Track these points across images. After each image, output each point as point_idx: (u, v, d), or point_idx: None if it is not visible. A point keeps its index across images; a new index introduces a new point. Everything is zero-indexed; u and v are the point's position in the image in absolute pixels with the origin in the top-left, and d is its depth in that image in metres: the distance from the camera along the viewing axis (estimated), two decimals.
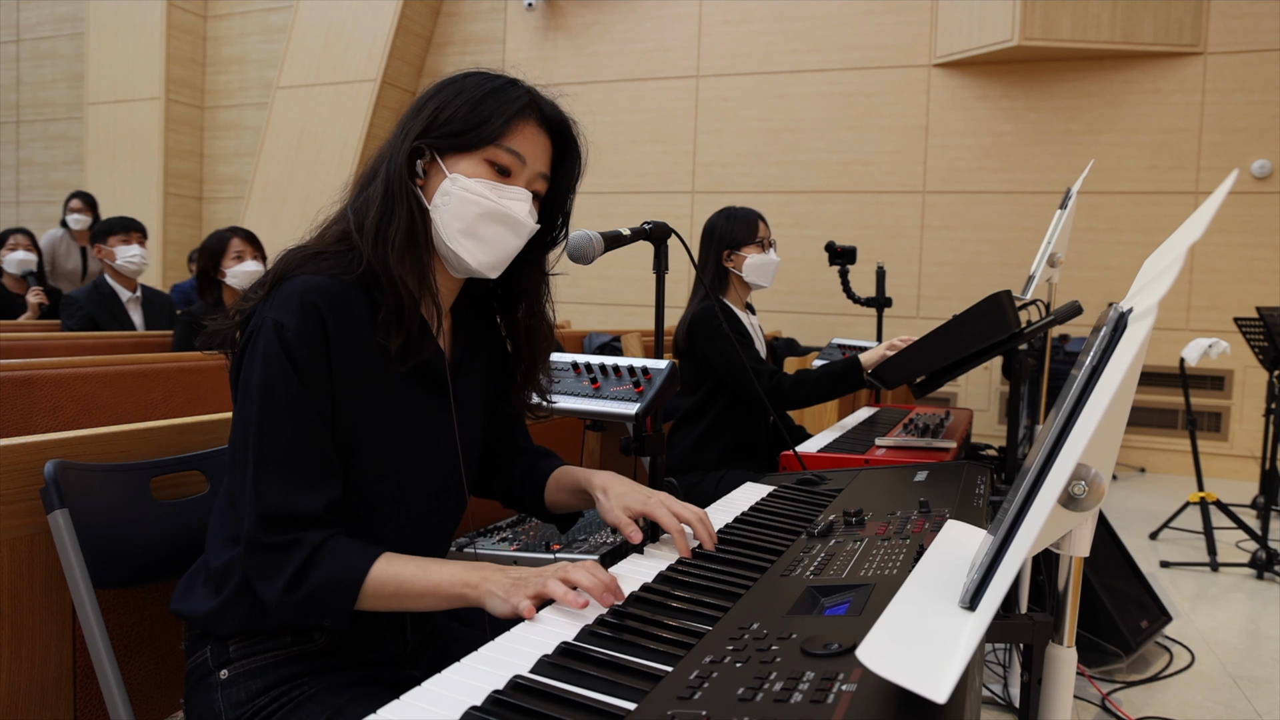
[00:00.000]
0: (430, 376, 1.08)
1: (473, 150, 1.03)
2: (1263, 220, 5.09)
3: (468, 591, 0.94)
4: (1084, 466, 0.59)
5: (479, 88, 1.04)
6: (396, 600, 0.95)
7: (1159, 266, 0.73)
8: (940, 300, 5.78)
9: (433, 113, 1.04)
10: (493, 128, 1.03)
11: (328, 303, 0.97)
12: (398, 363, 1.01)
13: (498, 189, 1.04)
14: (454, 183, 1.03)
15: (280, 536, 0.93)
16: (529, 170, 1.07)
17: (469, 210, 1.03)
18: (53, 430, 1.09)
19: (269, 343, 0.94)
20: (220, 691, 0.98)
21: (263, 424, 0.94)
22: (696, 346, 2.37)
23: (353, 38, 7.01)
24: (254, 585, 0.95)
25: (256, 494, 0.93)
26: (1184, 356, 3.41)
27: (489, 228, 1.04)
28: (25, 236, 4.55)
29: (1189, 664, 2.39)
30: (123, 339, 3.19)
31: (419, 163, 1.04)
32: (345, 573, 0.94)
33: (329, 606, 0.94)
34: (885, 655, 0.56)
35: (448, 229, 1.04)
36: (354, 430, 1.00)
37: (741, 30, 6.21)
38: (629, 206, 6.52)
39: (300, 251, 1.03)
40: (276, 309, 0.96)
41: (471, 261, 1.05)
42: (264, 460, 0.94)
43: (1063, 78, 5.45)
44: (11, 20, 8.57)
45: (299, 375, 0.95)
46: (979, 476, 1.43)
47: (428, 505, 1.11)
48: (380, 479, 1.04)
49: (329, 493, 0.97)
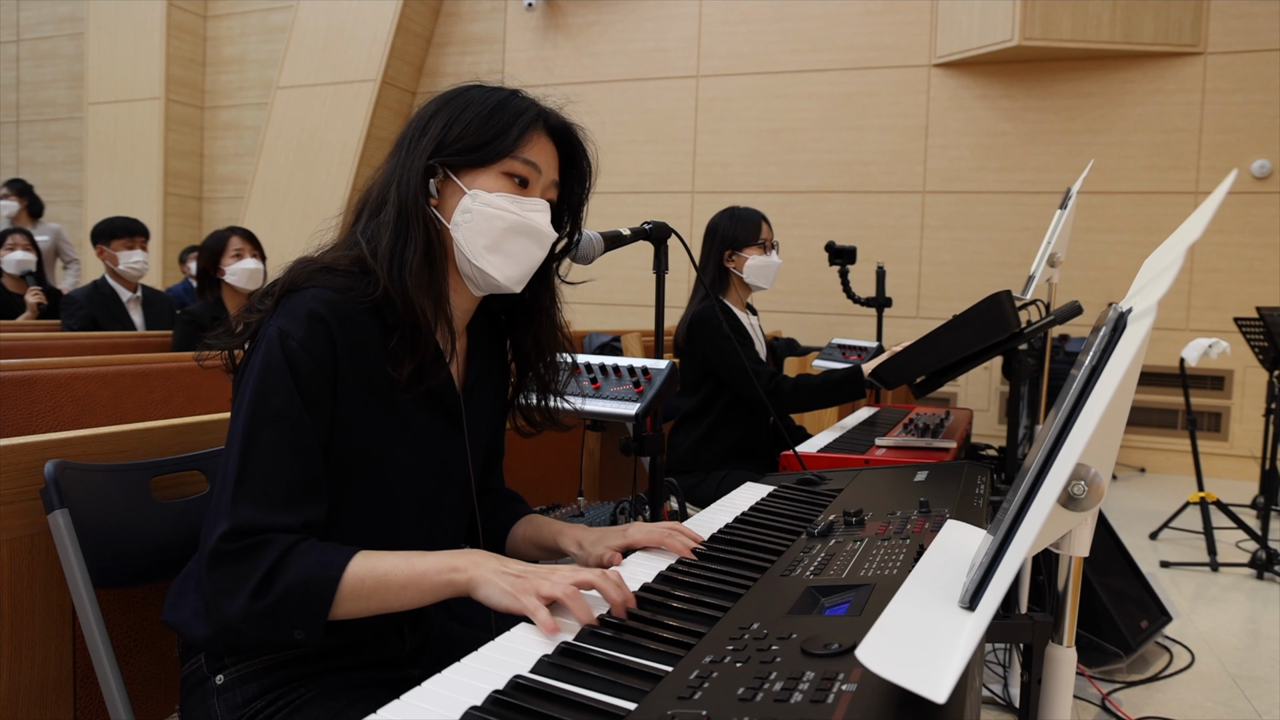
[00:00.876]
0: (441, 401, 1.06)
1: (490, 164, 1.02)
2: (1263, 220, 5.09)
3: (455, 577, 0.90)
4: (1084, 466, 0.59)
5: (485, 101, 1.03)
6: (378, 597, 0.90)
7: (1159, 266, 0.73)
8: (940, 300, 5.78)
9: (442, 130, 1.02)
10: (508, 140, 1.02)
11: (337, 317, 0.94)
12: (407, 390, 0.99)
13: (519, 202, 1.03)
14: (475, 199, 1.02)
15: (246, 543, 0.88)
16: (544, 179, 1.06)
17: (494, 226, 1.02)
18: (53, 430, 1.09)
19: (271, 351, 0.92)
20: (216, 697, 0.97)
21: (250, 433, 0.91)
22: (697, 347, 2.37)
23: (353, 38, 7.01)
24: (216, 603, 0.89)
25: (232, 504, 0.89)
26: (1184, 356, 3.40)
27: (514, 241, 1.03)
28: (24, 236, 4.55)
29: (1189, 664, 2.39)
30: (123, 339, 3.20)
31: (431, 182, 1.02)
32: (319, 570, 0.88)
33: (303, 611, 0.87)
34: (885, 655, 0.56)
35: (472, 246, 1.02)
36: (358, 451, 0.98)
37: (741, 30, 6.21)
38: (629, 206, 6.52)
39: (311, 264, 1.00)
40: (284, 318, 0.94)
41: (499, 277, 1.04)
42: (246, 471, 0.90)
43: (1063, 78, 5.45)
44: (11, 20, 8.57)
45: (299, 387, 0.92)
46: (979, 476, 1.43)
47: (430, 531, 1.08)
48: (383, 503, 1.02)
49: (309, 512, 0.93)
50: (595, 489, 2.37)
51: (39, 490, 1.01)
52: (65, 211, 8.40)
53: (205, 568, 0.89)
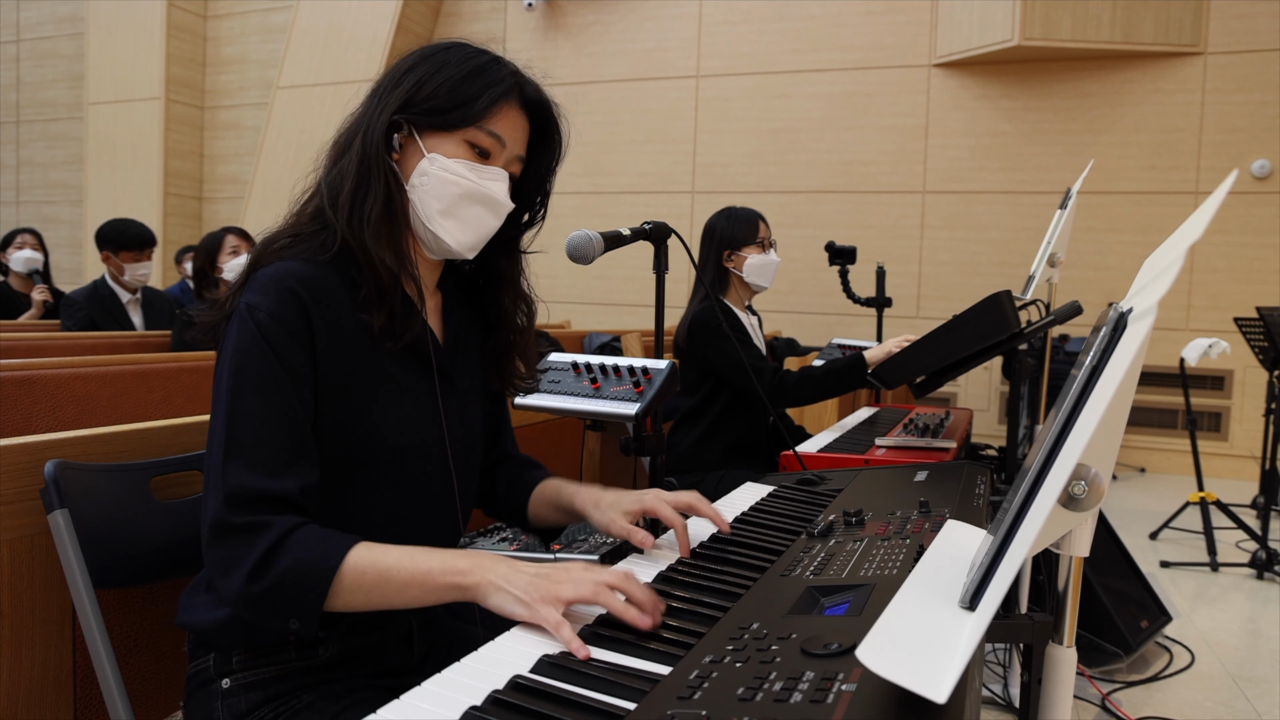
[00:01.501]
0: (422, 356, 1.05)
1: (453, 130, 1.01)
2: (1263, 220, 5.09)
3: (460, 580, 0.86)
4: (1084, 466, 0.59)
5: (462, 64, 1.01)
6: (378, 592, 0.87)
7: (1159, 266, 0.73)
8: (940, 300, 5.78)
9: (413, 86, 1.00)
10: (475, 109, 1.00)
11: (305, 286, 0.93)
12: (384, 341, 0.98)
13: (477, 169, 1.02)
14: (432, 163, 1.01)
15: (247, 517, 0.86)
16: (507, 153, 1.05)
17: (448, 191, 1.01)
18: (53, 430, 1.09)
19: (243, 325, 0.91)
20: (221, 700, 0.97)
21: (233, 407, 0.89)
22: (697, 347, 2.37)
23: (353, 38, 7.01)
24: (214, 583, 0.88)
25: (223, 473, 0.87)
26: (1184, 356, 3.41)
27: (468, 208, 1.02)
28: (32, 235, 4.56)
29: (1189, 664, 2.39)
30: (123, 339, 3.20)
31: (395, 136, 1.01)
32: (318, 558, 0.86)
33: (298, 599, 0.85)
34: (885, 655, 0.56)
35: (426, 209, 1.02)
36: (347, 416, 0.97)
37: (741, 30, 6.21)
38: (629, 206, 6.52)
39: (273, 240, 1.01)
40: (251, 293, 0.93)
41: (450, 242, 1.03)
42: (233, 443, 0.88)
43: (1063, 78, 5.45)
44: (11, 20, 8.57)
45: (275, 354, 0.91)
46: (979, 476, 1.43)
47: (426, 492, 1.06)
48: (379, 464, 1.00)
49: (303, 478, 0.91)
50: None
51: (39, 490, 1.01)
52: (65, 211, 8.40)
53: (206, 545, 0.88)
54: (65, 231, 8.36)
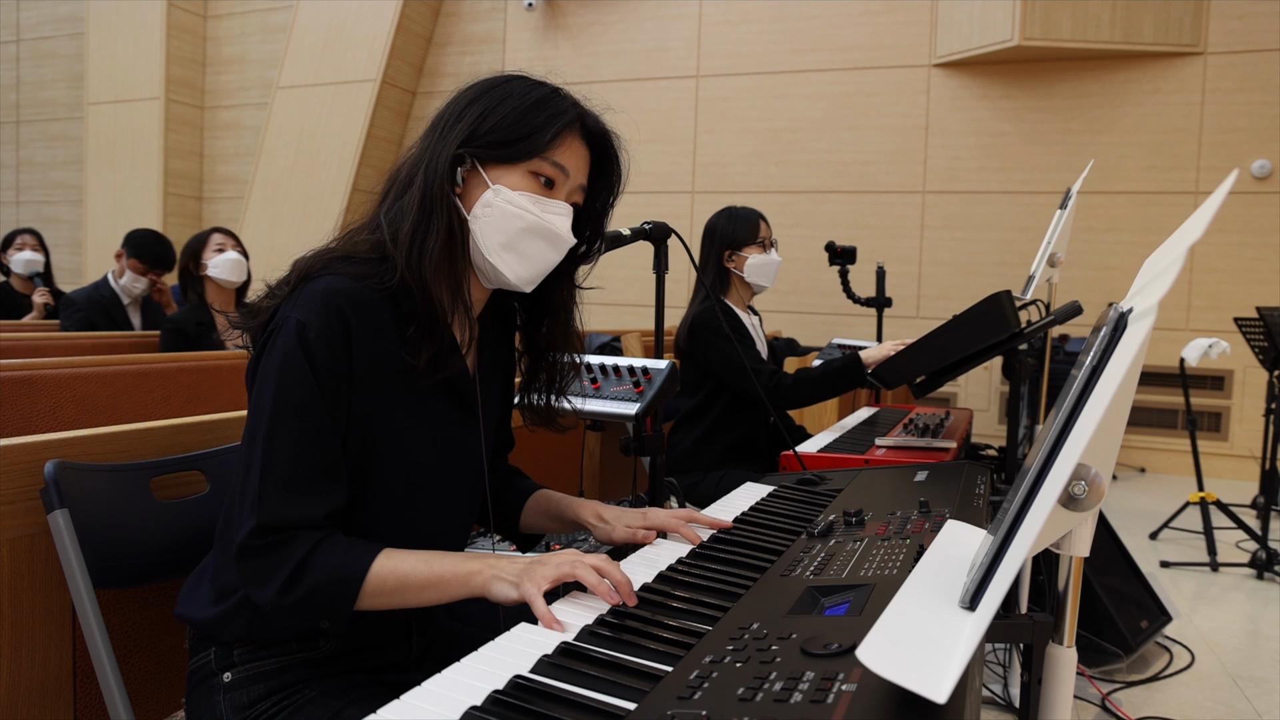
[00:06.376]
0: (455, 389, 1.07)
1: (518, 162, 1.02)
2: (1263, 220, 5.09)
3: (472, 578, 0.93)
4: (1084, 466, 0.59)
5: (524, 96, 1.02)
6: (399, 595, 0.93)
7: (1159, 266, 0.73)
8: (940, 300, 5.78)
9: (476, 119, 1.01)
10: (540, 141, 1.01)
11: (353, 306, 0.94)
12: (424, 377, 1.00)
13: (541, 203, 1.02)
14: (497, 194, 1.01)
15: (274, 539, 0.91)
16: (571, 183, 1.05)
17: (511, 224, 1.01)
18: (53, 430, 1.09)
19: (288, 342, 0.92)
20: (223, 694, 0.98)
21: (273, 429, 0.92)
22: (697, 347, 2.37)
23: (353, 38, 7.00)
24: (247, 590, 0.93)
25: (259, 502, 0.91)
26: (1184, 356, 3.41)
27: (530, 242, 1.03)
28: (33, 236, 4.55)
29: (1189, 664, 2.39)
30: (122, 339, 3.19)
31: (459, 170, 1.01)
32: (346, 569, 0.91)
33: (328, 606, 0.91)
34: (885, 655, 0.56)
35: (488, 241, 1.02)
36: (374, 438, 0.98)
37: (741, 30, 6.21)
38: (629, 206, 6.48)
39: (327, 253, 1.00)
40: (300, 308, 0.93)
41: (510, 275, 1.04)
42: (270, 468, 0.91)
43: (1062, 78, 5.45)
44: (11, 20, 8.57)
45: (316, 378, 0.92)
46: (979, 476, 1.43)
47: (444, 516, 1.10)
48: (398, 488, 1.02)
49: (331, 500, 0.94)
50: (595, 489, 2.37)
51: (39, 490, 1.01)
52: (65, 211, 8.40)
53: (234, 559, 0.92)
54: (65, 231, 8.35)
